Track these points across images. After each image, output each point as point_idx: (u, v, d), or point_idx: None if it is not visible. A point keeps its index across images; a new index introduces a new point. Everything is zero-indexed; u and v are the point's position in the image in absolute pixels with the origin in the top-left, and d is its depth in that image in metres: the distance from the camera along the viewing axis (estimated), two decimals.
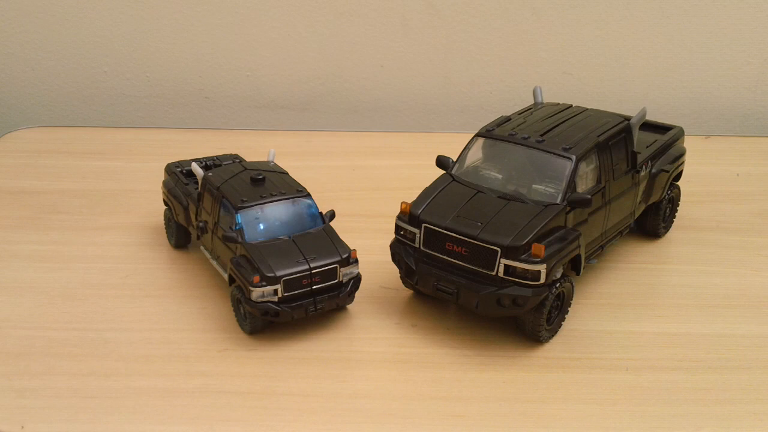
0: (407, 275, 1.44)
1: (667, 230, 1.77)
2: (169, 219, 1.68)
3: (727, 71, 2.37)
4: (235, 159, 1.73)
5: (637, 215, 1.65)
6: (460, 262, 1.36)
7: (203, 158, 1.73)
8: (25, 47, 2.36)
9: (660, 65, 2.37)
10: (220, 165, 1.67)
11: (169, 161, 1.74)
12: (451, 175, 1.49)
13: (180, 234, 1.67)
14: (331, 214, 1.50)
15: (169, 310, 1.49)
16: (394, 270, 1.49)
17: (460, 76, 2.39)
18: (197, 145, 2.11)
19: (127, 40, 2.35)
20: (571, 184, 1.40)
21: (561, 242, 1.36)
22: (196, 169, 1.57)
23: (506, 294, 1.33)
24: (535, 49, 2.35)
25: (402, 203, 1.43)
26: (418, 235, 1.41)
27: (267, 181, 1.50)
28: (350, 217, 1.65)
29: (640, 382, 1.33)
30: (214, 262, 1.53)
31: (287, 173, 1.57)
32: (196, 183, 1.61)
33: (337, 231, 1.47)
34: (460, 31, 2.33)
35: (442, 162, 1.52)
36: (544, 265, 1.31)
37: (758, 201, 1.92)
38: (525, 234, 1.32)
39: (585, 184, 1.44)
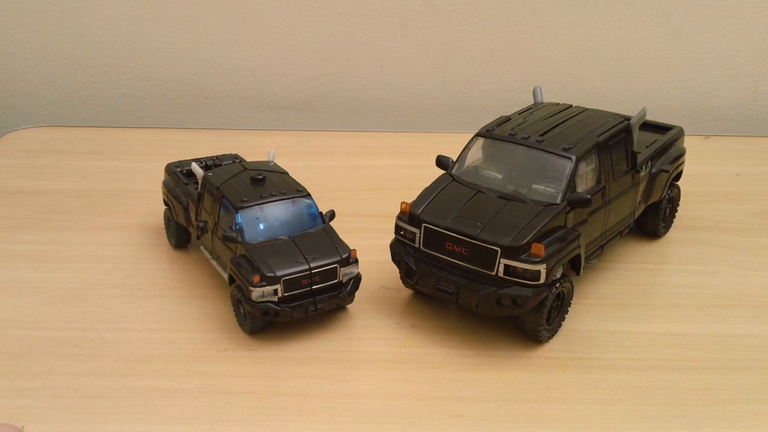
0: (407, 275, 1.44)
1: (667, 230, 1.77)
2: (169, 219, 1.68)
3: (727, 71, 2.37)
4: (235, 159, 1.73)
5: (637, 215, 1.65)
6: (460, 262, 1.36)
7: (203, 158, 1.73)
8: (25, 47, 2.36)
9: (660, 65, 2.37)
10: (220, 165, 1.67)
11: (169, 161, 1.74)
12: (451, 175, 1.49)
13: (180, 234, 1.67)
14: (331, 214, 1.50)
15: (169, 310, 1.49)
16: (394, 270, 1.49)
17: (460, 76, 2.39)
18: (197, 145, 2.11)
19: (127, 40, 2.36)
20: (571, 184, 1.40)
21: (561, 242, 1.36)
22: (196, 169, 1.57)
23: (506, 294, 1.33)
24: (535, 49, 2.35)
25: (402, 203, 1.43)
26: (418, 235, 1.40)
27: (267, 181, 1.50)
28: (350, 217, 1.65)
29: (640, 382, 1.33)
30: (214, 262, 1.53)
31: (287, 173, 1.57)
32: (196, 183, 1.61)
33: (337, 231, 1.47)
34: (460, 31, 2.33)
35: (442, 162, 1.52)
36: (544, 265, 1.31)
37: (758, 201, 1.92)
38: (525, 234, 1.32)
39: (585, 184, 1.44)
